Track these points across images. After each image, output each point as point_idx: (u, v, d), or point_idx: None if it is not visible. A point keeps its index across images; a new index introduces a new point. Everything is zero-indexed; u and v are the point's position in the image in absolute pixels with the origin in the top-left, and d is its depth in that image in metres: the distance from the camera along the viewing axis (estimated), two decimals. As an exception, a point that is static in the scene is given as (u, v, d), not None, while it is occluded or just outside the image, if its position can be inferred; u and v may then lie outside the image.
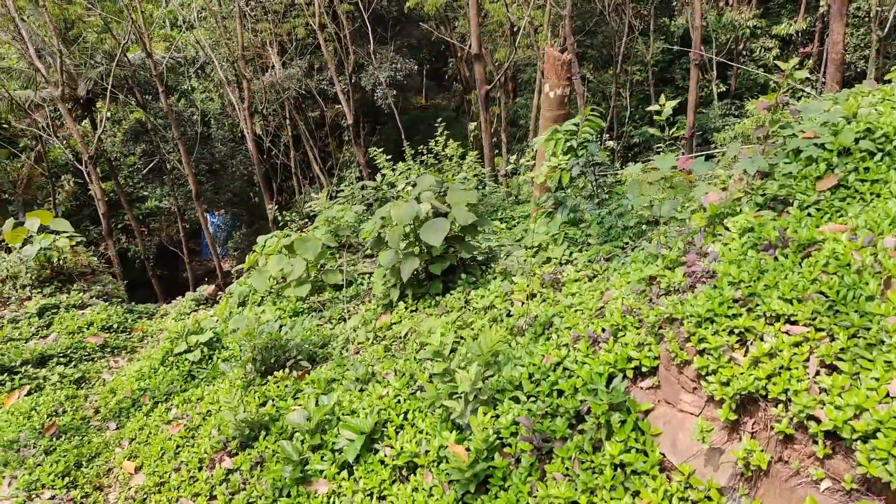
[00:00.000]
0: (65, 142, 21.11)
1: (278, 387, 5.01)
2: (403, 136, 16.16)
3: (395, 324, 5.42)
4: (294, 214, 10.47)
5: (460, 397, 3.66)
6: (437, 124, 10.36)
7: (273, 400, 4.89)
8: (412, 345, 4.93)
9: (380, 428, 4.07)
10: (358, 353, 5.29)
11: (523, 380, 3.63)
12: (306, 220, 10.08)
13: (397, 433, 3.98)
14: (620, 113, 23.24)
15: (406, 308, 5.55)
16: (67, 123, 16.13)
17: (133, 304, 8.43)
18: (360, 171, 19.62)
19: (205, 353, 6.10)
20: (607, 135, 19.28)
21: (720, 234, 3.87)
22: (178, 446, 4.83)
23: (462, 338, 4.71)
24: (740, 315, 2.95)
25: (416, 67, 25.17)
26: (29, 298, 7.22)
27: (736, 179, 4.66)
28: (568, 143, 6.29)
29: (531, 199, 11.09)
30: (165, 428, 5.10)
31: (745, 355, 2.80)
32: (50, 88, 16.01)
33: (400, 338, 5.18)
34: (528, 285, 4.97)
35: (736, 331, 2.90)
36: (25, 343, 6.60)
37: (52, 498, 4.50)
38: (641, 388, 3.26)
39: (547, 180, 6.41)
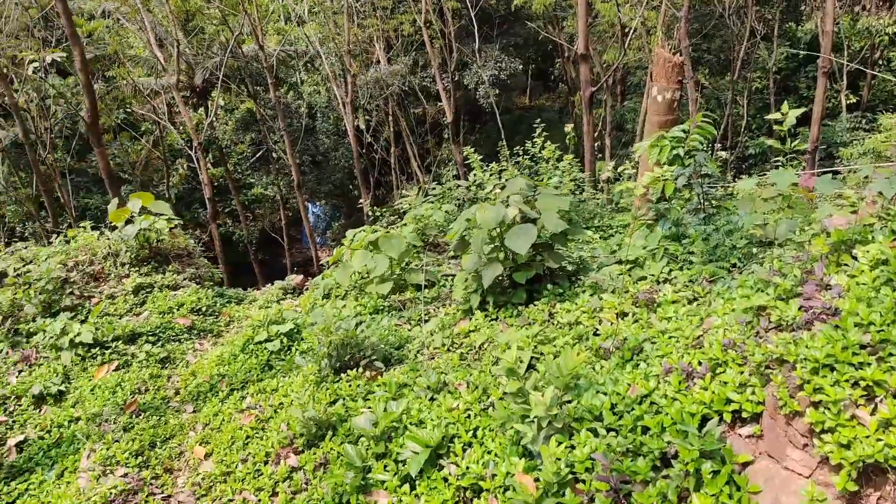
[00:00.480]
0: (181, 128, 22.36)
1: (350, 386, 4.90)
2: (504, 136, 15.92)
3: (472, 331, 5.18)
4: (386, 210, 10.45)
5: (533, 422, 3.38)
6: (536, 125, 10.02)
7: (344, 399, 4.78)
8: (488, 356, 4.67)
9: (446, 443, 3.85)
10: (432, 358, 5.09)
11: (604, 410, 3.30)
12: (397, 216, 10.03)
13: (464, 451, 3.75)
14: (736, 122, 21.91)
15: (485, 316, 5.30)
16: (180, 110, 16.97)
17: (224, 287, 8.64)
18: (457, 169, 19.54)
19: (284, 343, 6.10)
20: (719, 144, 18.20)
21: (846, 265, 3.37)
22: (247, 437, 4.81)
23: (542, 354, 4.41)
24: (868, 365, 2.50)
25: (520, 67, 24.81)
26: (127, 276, 7.53)
27: (868, 202, 4.09)
28: (674, 151, 5.83)
29: (632, 208, 10.53)
30: (238, 416, 5.11)
31: (872, 414, 2.36)
32: (168, 76, 16.90)
33: (476, 347, 4.94)
34: (619, 303, 4.60)
35: (861, 383, 2.46)
36: (119, 319, 6.87)
37: (125, 476, 4.58)
38: (740, 435, 2.86)
39: (648, 190, 5.97)
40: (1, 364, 6.15)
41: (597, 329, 4.54)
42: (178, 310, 7.11)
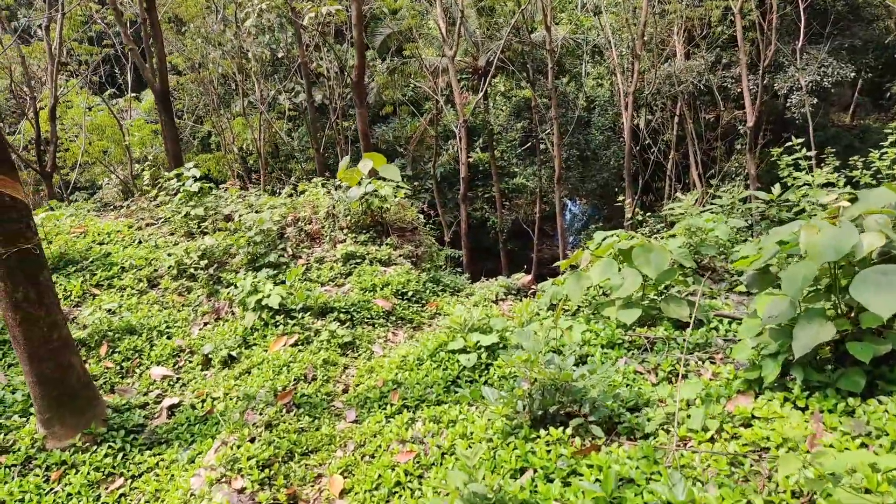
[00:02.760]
0: (460, 108, 22.37)
1: (549, 454, 3.29)
2: (814, 154, 12.69)
3: (758, 419, 3.21)
4: (651, 216, 8.49)
5: None
6: (892, 131, 7.19)
7: (534, 472, 3.20)
8: (784, 478, 2.69)
9: None
10: (683, 446, 3.23)
11: None
12: (665, 225, 8.03)
13: None
14: None
15: (785, 399, 3.27)
16: (453, 86, 16.56)
17: (444, 271, 7.50)
18: (747, 184, 16.47)
19: (482, 359, 4.69)
20: None
21: None
22: (397, 483, 3.48)
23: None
24: None
25: (851, 76, 20.30)
26: (343, 241, 6.76)
27: None
28: None
29: None
30: (397, 448, 3.81)
31: None
32: (446, 49, 16.57)
33: (762, 450, 2.97)
34: None
35: None
36: (320, 287, 6.07)
37: (241, 490, 3.55)
38: None
39: None
40: (191, 312, 5.69)
41: None
42: (381, 289, 6.10)
